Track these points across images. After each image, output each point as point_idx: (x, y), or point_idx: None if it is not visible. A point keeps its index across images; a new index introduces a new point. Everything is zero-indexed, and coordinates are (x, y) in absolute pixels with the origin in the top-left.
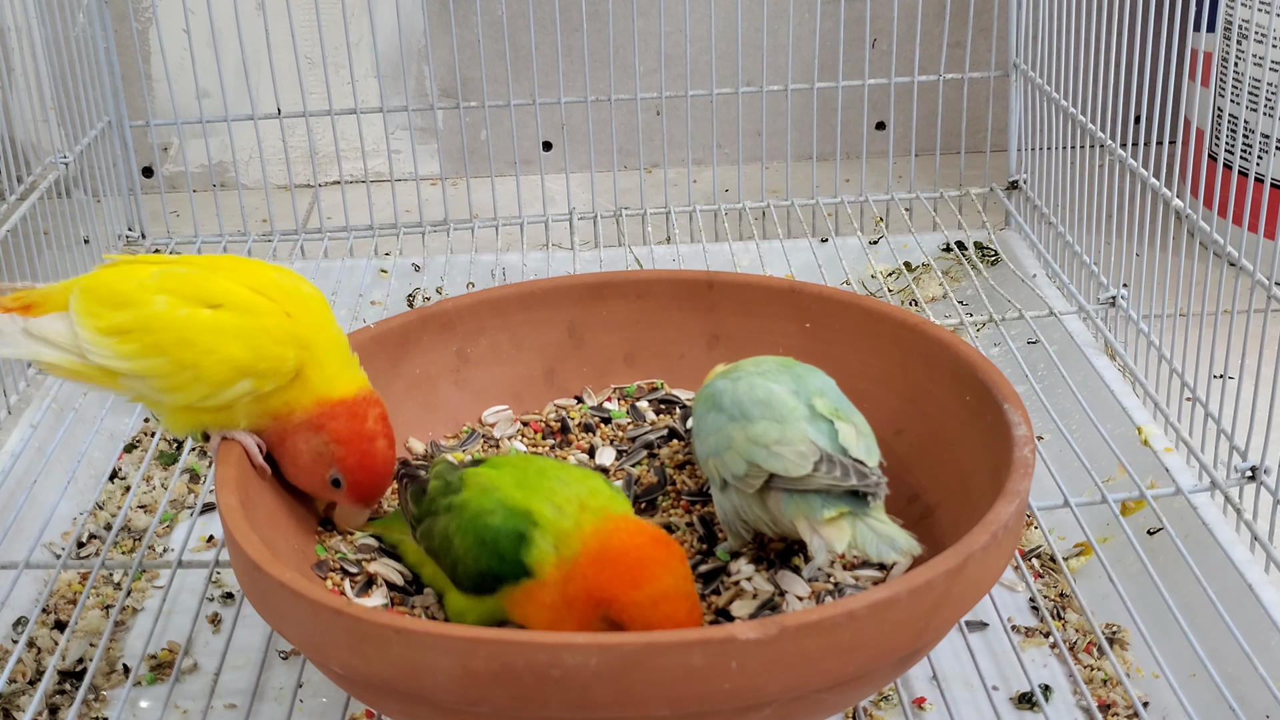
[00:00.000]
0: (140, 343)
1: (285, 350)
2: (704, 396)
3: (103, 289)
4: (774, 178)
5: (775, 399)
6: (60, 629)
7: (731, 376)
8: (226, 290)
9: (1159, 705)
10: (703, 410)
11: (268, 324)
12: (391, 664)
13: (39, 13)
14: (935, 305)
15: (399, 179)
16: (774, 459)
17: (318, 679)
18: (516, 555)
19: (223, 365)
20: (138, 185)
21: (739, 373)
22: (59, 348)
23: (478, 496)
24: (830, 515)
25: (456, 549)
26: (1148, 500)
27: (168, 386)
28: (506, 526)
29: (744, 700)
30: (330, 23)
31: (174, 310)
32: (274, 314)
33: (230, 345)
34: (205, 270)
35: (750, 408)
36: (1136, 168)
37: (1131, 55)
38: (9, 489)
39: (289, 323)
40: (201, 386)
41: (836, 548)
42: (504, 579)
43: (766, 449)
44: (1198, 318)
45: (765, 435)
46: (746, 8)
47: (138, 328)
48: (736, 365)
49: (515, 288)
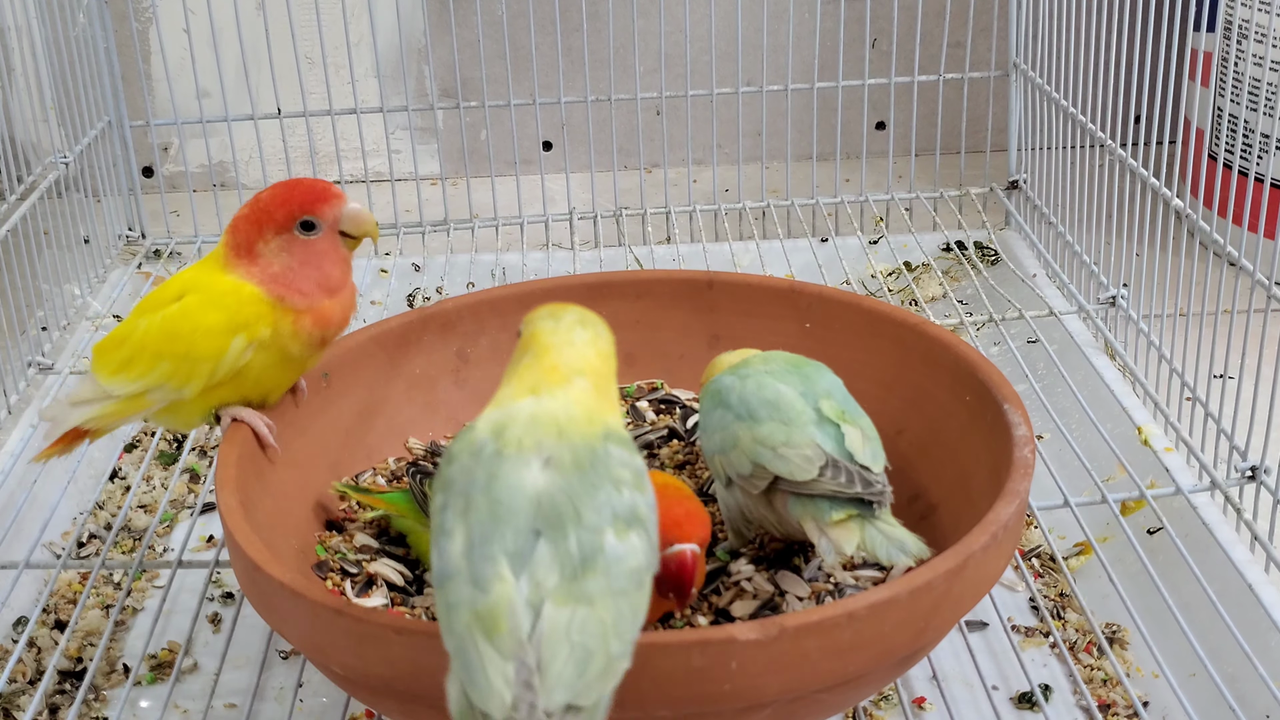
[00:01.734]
0: (141, 362)
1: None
2: (711, 392)
3: (105, 344)
4: (774, 178)
5: (783, 400)
6: (60, 629)
7: (740, 374)
8: (182, 281)
9: (1159, 705)
10: (709, 406)
11: (226, 285)
12: (391, 664)
13: (39, 13)
14: (935, 305)
15: (399, 179)
16: (780, 462)
17: (318, 679)
18: None
19: (209, 336)
20: (138, 185)
21: (747, 370)
22: (93, 401)
23: None
24: (838, 518)
25: None
26: (1148, 500)
27: (181, 382)
28: None
29: (744, 701)
30: (330, 23)
31: (151, 321)
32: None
33: (206, 317)
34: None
35: (757, 408)
36: (1136, 168)
37: (1131, 55)
38: (9, 489)
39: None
40: (204, 365)
41: (845, 550)
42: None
43: (773, 451)
44: (1198, 318)
45: (772, 437)
46: (746, 8)
47: (134, 353)
48: (745, 360)
49: (515, 288)
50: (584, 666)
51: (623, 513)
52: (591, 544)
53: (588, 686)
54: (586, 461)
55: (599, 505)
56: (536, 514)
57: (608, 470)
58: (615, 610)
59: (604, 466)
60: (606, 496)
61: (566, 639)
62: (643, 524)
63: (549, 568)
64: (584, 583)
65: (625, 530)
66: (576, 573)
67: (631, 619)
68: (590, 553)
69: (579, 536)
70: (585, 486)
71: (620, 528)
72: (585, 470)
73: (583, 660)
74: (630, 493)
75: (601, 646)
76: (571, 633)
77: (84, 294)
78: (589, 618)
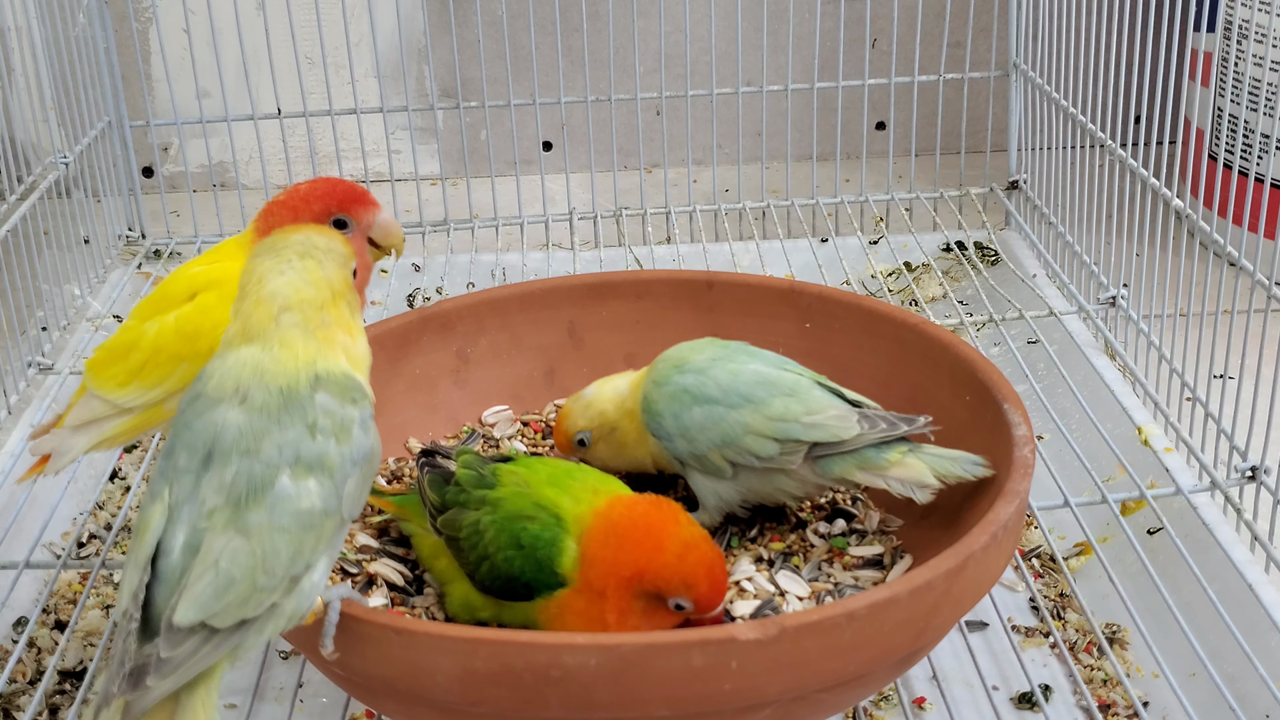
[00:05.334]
0: (157, 367)
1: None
2: (673, 395)
3: (103, 357)
4: (774, 178)
5: (770, 377)
6: (60, 629)
7: (692, 369)
8: (191, 279)
9: (1159, 705)
10: (679, 408)
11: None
12: (391, 664)
13: (39, 13)
14: (935, 305)
15: (399, 179)
16: (814, 430)
17: (318, 679)
18: (552, 566)
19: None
20: (138, 185)
21: (693, 364)
22: (100, 420)
23: (513, 496)
24: (894, 458)
25: (487, 545)
26: (1148, 500)
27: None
28: (545, 534)
29: (744, 700)
30: (330, 23)
31: (164, 323)
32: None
33: (221, 312)
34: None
35: (751, 390)
36: (1136, 168)
37: (1131, 55)
38: (9, 489)
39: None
40: None
41: (929, 482)
42: (536, 589)
43: (798, 423)
44: (1198, 318)
45: (789, 411)
46: (746, 8)
47: (147, 359)
48: (679, 361)
49: (515, 288)
50: (223, 592)
51: (307, 457)
52: (262, 478)
53: (225, 610)
54: (279, 405)
55: (282, 444)
56: (214, 444)
57: (304, 415)
58: (271, 545)
59: (300, 411)
60: (294, 438)
61: (214, 565)
62: (328, 471)
63: (215, 491)
64: (246, 513)
65: (305, 474)
66: (241, 502)
67: (290, 557)
68: (259, 486)
69: (250, 468)
70: (271, 425)
71: (300, 471)
72: (275, 412)
73: (224, 586)
74: (325, 440)
75: (247, 576)
76: (221, 559)
77: (84, 294)
78: (241, 548)
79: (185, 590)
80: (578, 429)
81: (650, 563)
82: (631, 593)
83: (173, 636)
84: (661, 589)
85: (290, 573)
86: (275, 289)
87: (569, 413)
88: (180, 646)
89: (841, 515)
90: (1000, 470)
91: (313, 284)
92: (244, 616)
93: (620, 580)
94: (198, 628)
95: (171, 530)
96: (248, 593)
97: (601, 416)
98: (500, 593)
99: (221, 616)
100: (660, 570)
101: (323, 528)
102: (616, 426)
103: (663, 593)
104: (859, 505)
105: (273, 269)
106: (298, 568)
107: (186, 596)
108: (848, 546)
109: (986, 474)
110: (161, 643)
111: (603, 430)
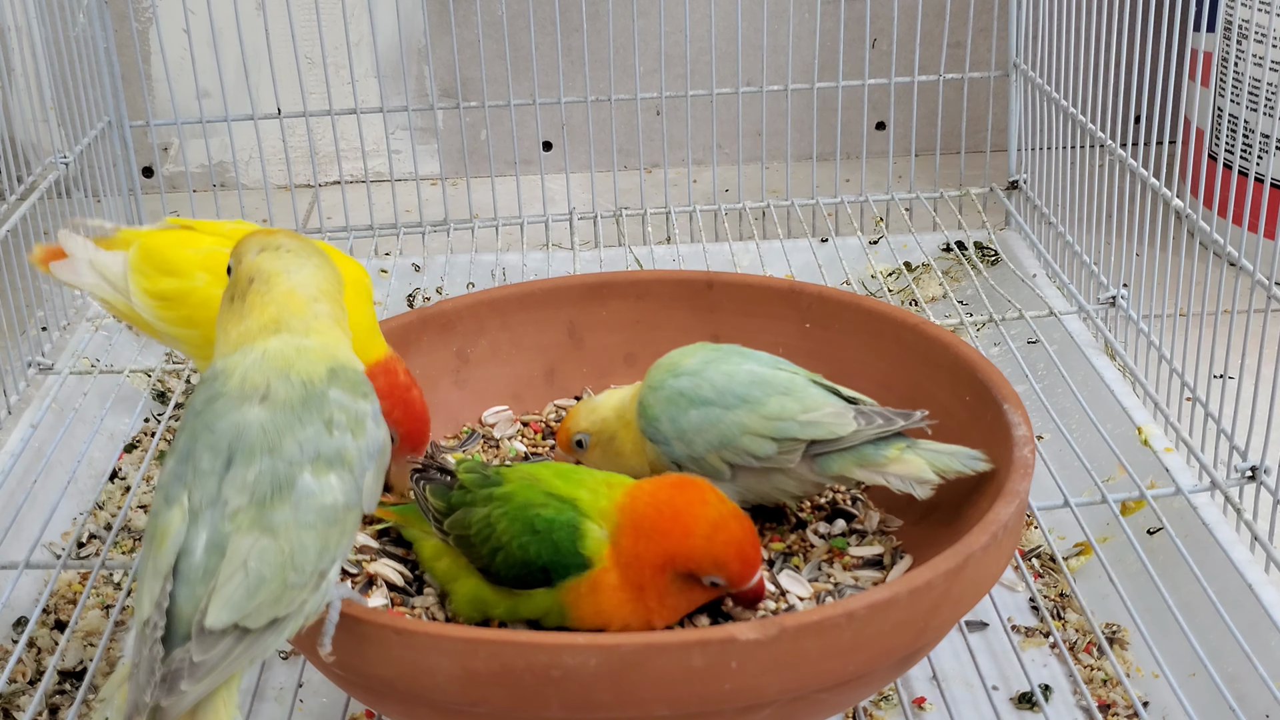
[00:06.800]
0: (177, 313)
1: None
2: (668, 399)
3: (156, 252)
4: (774, 178)
5: (766, 376)
6: (60, 629)
7: (686, 372)
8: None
9: (1159, 705)
10: (676, 412)
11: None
12: (391, 664)
13: (39, 13)
14: (935, 305)
15: (399, 179)
16: (812, 428)
17: (318, 679)
18: (574, 547)
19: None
20: (138, 185)
21: (688, 367)
22: (114, 287)
23: (523, 489)
24: (892, 454)
25: (500, 536)
26: (1148, 500)
27: (200, 354)
28: (561, 518)
29: (744, 700)
30: (330, 23)
31: (210, 289)
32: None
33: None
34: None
35: (746, 390)
36: (1136, 168)
37: (1131, 55)
38: (9, 489)
39: None
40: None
41: (928, 477)
42: (555, 572)
43: (795, 422)
44: (1198, 318)
45: (785, 410)
46: (746, 8)
47: (177, 298)
48: (673, 366)
49: (515, 288)
50: (255, 591)
51: (327, 453)
52: (285, 476)
53: (257, 610)
54: (300, 401)
55: (302, 441)
56: (237, 444)
57: (321, 411)
58: (298, 542)
59: (318, 407)
60: (314, 435)
61: (243, 565)
62: (348, 466)
63: (239, 490)
64: (271, 512)
65: (325, 470)
66: (265, 501)
67: (317, 552)
68: (283, 484)
69: (273, 466)
70: (293, 423)
71: (321, 467)
72: (297, 409)
73: (255, 586)
74: (341, 435)
75: (277, 575)
76: (249, 559)
77: (84, 294)
78: (269, 547)
79: (215, 593)
80: (579, 429)
81: (679, 548)
82: (667, 575)
83: (205, 640)
84: (695, 571)
85: (319, 568)
86: (301, 280)
87: (575, 413)
88: (213, 649)
89: (841, 515)
90: (1000, 470)
91: (329, 279)
92: (276, 615)
93: (655, 564)
94: (230, 629)
95: (194, 532)
96: (279, 591)
97: (603, 422)
98: (516, 582)
99: (254, 616)
100: (690, 554)
101: (345, 522)
102: (615, 435)
103: (696, 574)
104: (859, 505)
105: (291, 265)
106: (325, 563)
107: (217, 599)
108: (848, 546)
109: (985, 468)
110: (194, 646)
111: (602, 436)
